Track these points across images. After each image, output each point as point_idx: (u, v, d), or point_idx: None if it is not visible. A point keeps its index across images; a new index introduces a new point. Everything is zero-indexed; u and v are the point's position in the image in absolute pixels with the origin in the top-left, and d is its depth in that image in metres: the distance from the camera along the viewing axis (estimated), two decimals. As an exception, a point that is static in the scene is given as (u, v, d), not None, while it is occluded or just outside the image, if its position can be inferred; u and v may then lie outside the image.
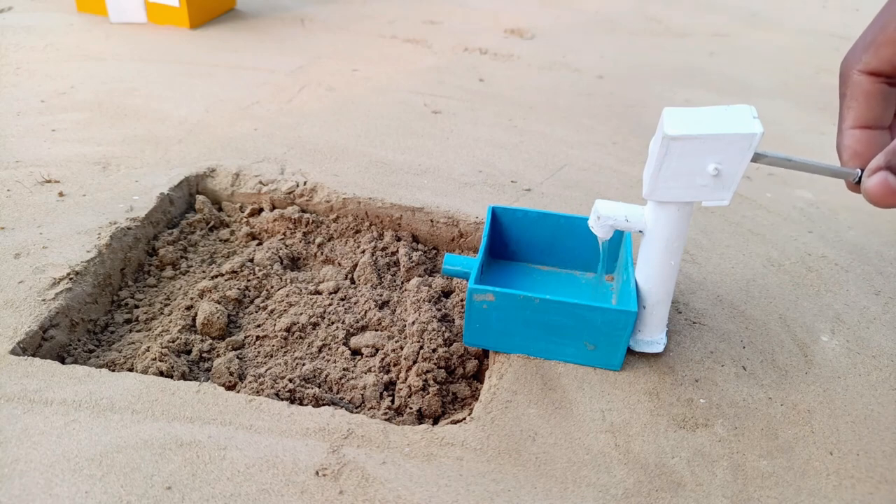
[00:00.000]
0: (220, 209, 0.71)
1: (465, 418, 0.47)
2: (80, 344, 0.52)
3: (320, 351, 0.54)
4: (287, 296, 0.59)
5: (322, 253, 0.65)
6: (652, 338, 0.50)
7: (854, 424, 0.47)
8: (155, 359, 0.49)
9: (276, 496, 0.39)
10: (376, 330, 0.57)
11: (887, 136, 0.37)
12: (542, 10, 1.49)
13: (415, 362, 0.52)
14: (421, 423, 0.48)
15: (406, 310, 0.58)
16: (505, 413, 0.45)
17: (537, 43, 1.27)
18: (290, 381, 0.50)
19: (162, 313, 0.57)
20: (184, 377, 0.49)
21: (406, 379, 0.51)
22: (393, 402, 0.50)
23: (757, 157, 0.39)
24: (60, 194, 0.65)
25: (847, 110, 0.37)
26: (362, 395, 0.50)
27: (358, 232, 0.68)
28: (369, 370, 0.53)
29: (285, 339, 0.55)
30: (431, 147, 0.82)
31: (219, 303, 0.57)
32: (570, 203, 0.71)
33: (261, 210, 0.70)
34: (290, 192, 0.70)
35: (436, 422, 0.50)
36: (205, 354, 0.53)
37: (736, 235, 0.68)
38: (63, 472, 0.39)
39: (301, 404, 0.47)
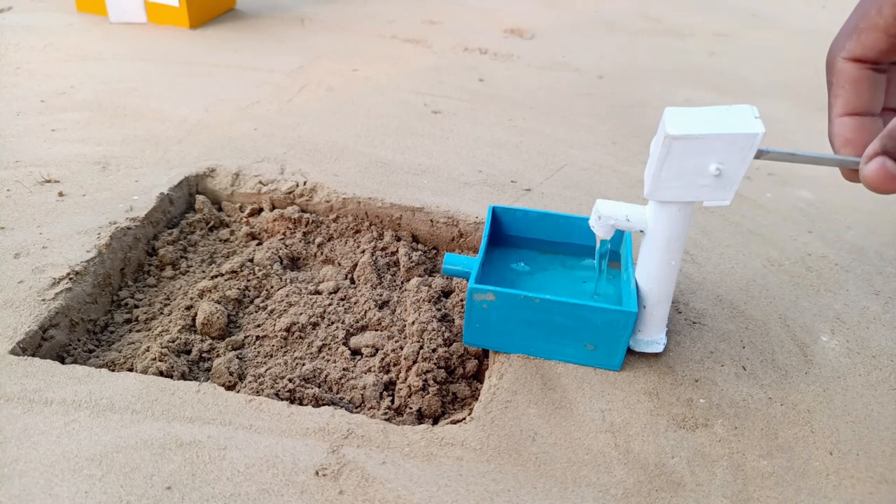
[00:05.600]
0: (219, 209, 0.71)
1: (464, 418, 0.47)
2: (79, 344, 0.52)
3: (320, 351, 0.54)
4: (287, 296, 0.59)
5: (322, 253, 0.65)
6: (652, 338, 0.50)
7: (854, 424, 0.47)
8: (155, 359, 0.49)
9: (276, 496, 0.39)
10: (376, 330, 0.57)
11: (879, 123, 0.37)
12: (542, 10, 1.49)
13: (415, 362, 0.52)
14: (421, 423, 0.48)
15: (406, 310, 0.58)
16: (505, 413, 0.45)
17: (537, 43, 1.27)
18: (290, 381, 0.49)
19: (162, 313, 0.57)
20: (184, 377, 0.49)
21: (406, 379, 0.51)
22: (393, 402, 0.50)
23: (760, 154, 0.39)
24: (60, 194, 0.65)
25: (835, 98, 0.37)
26: (362, 395, 0.50)
27: (358, 232, 0.68)
28: (369, 370, 0.53)
29: (285, 339, 0.55)
30: (431, 147, 0.82)
31: (219, 303, 0.57)
32: (570, 203, 0.71)
33: (261, 210, 0.70)
34: (289, 192, 0.69)
35: (436, 422, 0.50)
36: (205, 354, 0.53)
37: (736, 235, 0.68)
38: (63, 472, 0.39)
39: (301, 404, 0.47)
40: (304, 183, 0.70)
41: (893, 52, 0.34)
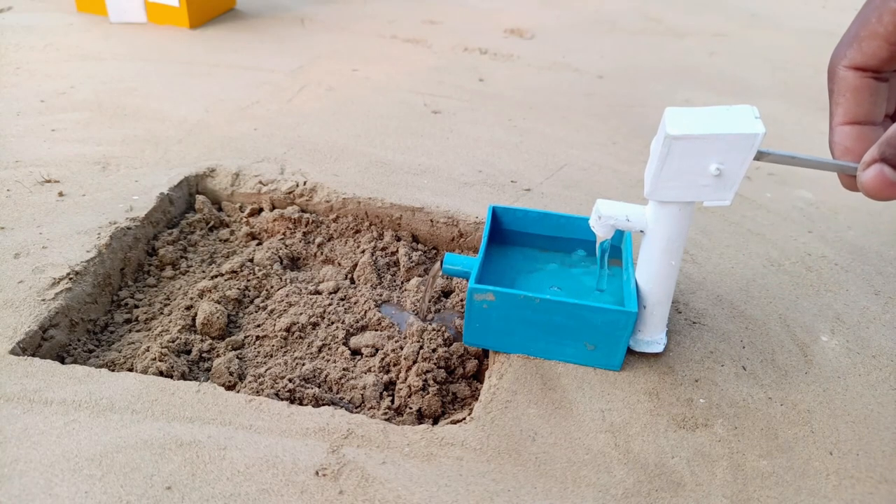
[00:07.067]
0: (219, 209, 0.71)
1: (464, 418, 0.47)
2: (79, 344, 0.52)
3: (320, 351, 0.54)
4: (287, 296, 0.59)
5: (322, 253, 0.65)
6: (652, 338, 0.50)
7: (854, 424, 0.47)
8: (155, 359, 0.49)
9: (276, 496, 0.39)
10: (376, 330, 0.57)
11: (879, 132, 0.36)
12: (542, 10, 1.49)
13: (415, 362, 0.52)
14: (421, 423, 0.48)
15: (406, 310, 0.58)
16: (505, 413, 0.45)
17: (537, 43, 1.27)
18: (290, 381, 0.49)
19: (162, 313, 0.57)
20: (184, 377, 0.49)
21: (406, 379, 0.51)
22: (393, 401, 0.50)
23: (760, 156, 0.39)
24: (60, 194, 0.65)
25: (836, 107, 0.36)
26: (362, 395, 0.50)
27: (358, 232, 0.68)
28: (369, 370, 0.53)
29: (285, 339, 0.55)
30: (431, 147, 0.82)
31: (219, 303, 0.57)
32: (570, 203, 0.71)
33: (261, 210, 0.70)
34: (289, 192, 0.69)
35: (436, 422, 0.50)
36: (205, 354, 0.53)
37: (736, 235, 0.68)
38: (63, 472, 0.39)
39: (301, 404, 0.47)
40: (304, 183, 0.70)
41: (894, 60, 0.34)
